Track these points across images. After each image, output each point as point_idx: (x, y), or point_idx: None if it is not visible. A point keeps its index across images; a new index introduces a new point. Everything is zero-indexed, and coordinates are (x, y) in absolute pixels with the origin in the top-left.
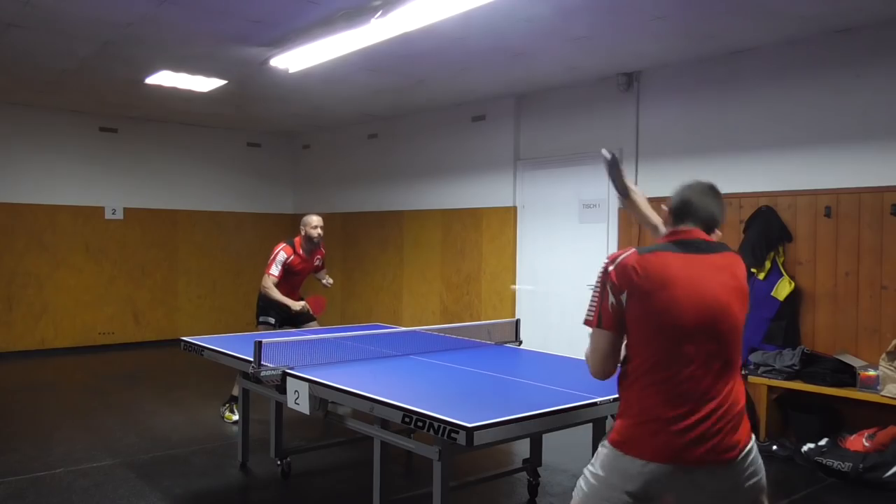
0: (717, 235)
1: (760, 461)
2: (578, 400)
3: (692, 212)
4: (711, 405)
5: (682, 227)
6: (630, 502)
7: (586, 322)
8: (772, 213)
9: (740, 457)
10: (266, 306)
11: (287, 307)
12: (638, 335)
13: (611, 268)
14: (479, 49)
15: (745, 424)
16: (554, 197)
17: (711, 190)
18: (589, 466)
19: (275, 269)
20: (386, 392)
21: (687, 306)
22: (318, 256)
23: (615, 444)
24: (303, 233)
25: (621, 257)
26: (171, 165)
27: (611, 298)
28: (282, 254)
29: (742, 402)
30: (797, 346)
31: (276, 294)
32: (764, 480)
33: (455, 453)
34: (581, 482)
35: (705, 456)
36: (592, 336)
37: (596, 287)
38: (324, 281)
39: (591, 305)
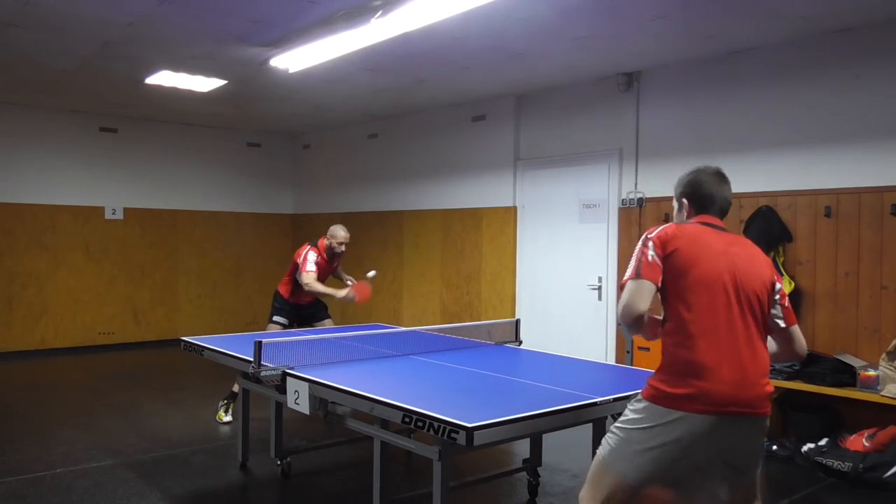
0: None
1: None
2: (578, 400)
3: (714, 201)
4: (745, 359)
5: (706, 216)
6: (671, 454)
7: (626, 280)
8: (772, 213)
9: (767, 416)
10: (280, 307)
11: (298, 314)
12: (675, 293)
13: (652, 234)
14: (478, 49)
15: (772, 387)
16: (554, 197)
17: (722, 176)
18: (617, 424)
19: (311, 266)
20: (386, 392)
21: (721, 265)
22: (337, 262)
23: (652, 399)
24: (327, 242)
25: (661, 228)
26: (171, 165)
27: (650, 254)
28: (311, 253)
29: (769, 366)
30: None
31: (320, 286)
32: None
33: (455, 453)
34: (608, 439)
35: (741, 407)
36: (629, 287)
37: (636, 253)
38: (369, 273)
39: (630, 267)
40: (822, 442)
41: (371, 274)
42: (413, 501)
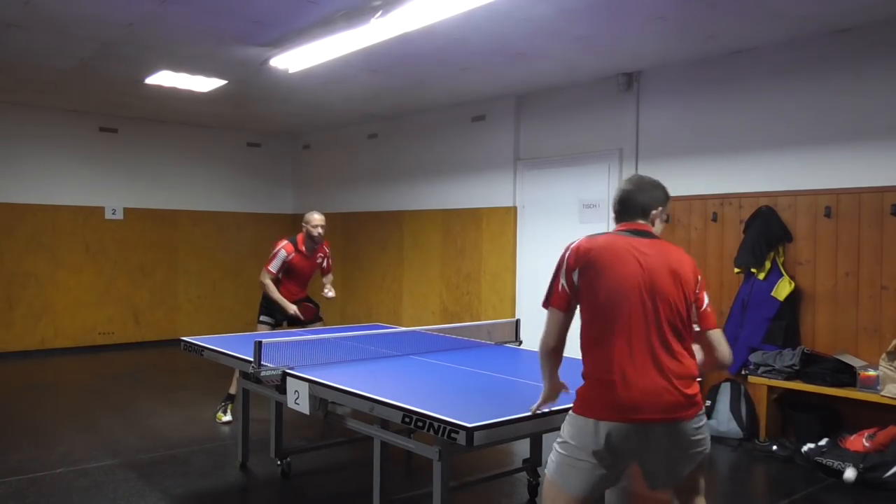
0: (660, 222)
1: (708, 435)
2: None
3: (628, 207)
4: (658, 364)
5: (624, 224)
6: (595, 463)
7: (542, 305)
8: (772, 213)
9: (691, 419)
10: (268, 306)
11: (282, 307)
12: (588, 305)
13: (566, 253)
14: (479, 49)
15: (695, 390)
16: (554, 197)
17: (640, 180)
18: (557, 439)
19: (273, 266)
20: (386, 392)
21: (630, 271)
22: (321, 255)
23: (574, 409)
24: (304, 230)
25: (574, 242)
26: (171, 165)
27: (562, 281)
28: (282, 252)
29: (693, 370)
30: (797, 346)
31: (273, 292)
32: (706, 453)
33: (455, 453)
34: (551, 456)
35: (654, 414)
36: (546, 318)
37: (553, 272)
38: (326, 291)
39: (547, 289)
40: (822, 442)
41: (328, 292)
42: (413, 501)
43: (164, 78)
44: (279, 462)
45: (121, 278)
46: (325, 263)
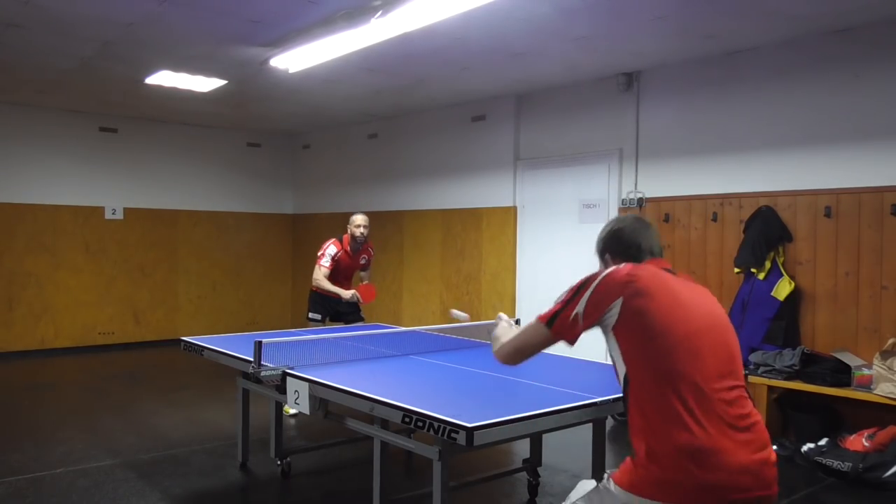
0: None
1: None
2: (578, 400)
3: (642, 248)
4: (744, 424)
5: (651, 260)
6: None
7: (542, 316)
8: (772, 213)
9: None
10: (315, 302)
11: (338, 296)
12: (644, 346)
13: (600, 277)
14: (479, 49)
15: (772, 449)
16: (554, 197)
17: (644, 222)
18: None
19: (326, 262)
20: (386, 392)
21: (694, 305)
22: (364, 256)
23: (636, 490)
24: (349, 231)
25: (610, 269)
26: (171, 165)
27: (578, 308)
28: (332, 247)
29: (762, 421)
30: (797, 345)
31: (328, 284)
32: None
33: (455, 453)
34: None
35: (748, 491)
36: (529, 329)
37: (567, 293)
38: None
39: (552, 306)
40: (822, 442)
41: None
42: (413, 501)
43: (164, 78)
44: (279, 462)
45: (121, 278)
46: (366, 263)
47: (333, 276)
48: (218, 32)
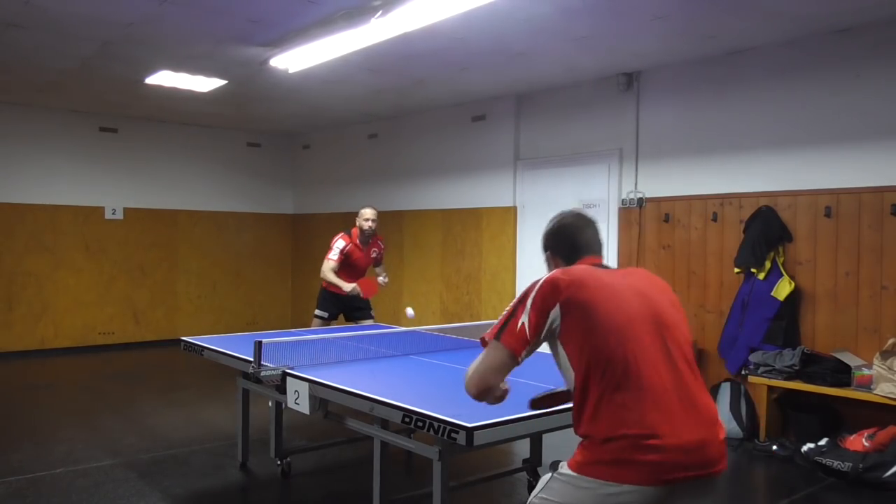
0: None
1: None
2: None
3: (581, 246)
4: (692, 411)
5: (585, 258)
6: None
7: (484, 338)
8: (772, 213)
9: (722, 470)
10: (325, 300)
11: (340, 289)
12: (585, 349)
13: (539, 286)
14: (479, 49)
15: (722, 427)
16: (554, 197)
17: (585, 218)
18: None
19: (334, 255)
20: (386, 392)
21: (628, 297)
22: (375, 249)
23: (582, 470)
24: (358, 225)
25: (544, 277)
26: (171, 165)
27: (523, 318)
28: (340, 241)
29: (714, 405)
30: (797, 345)
31: (332, 276)
32: None
33: (455, 453)
34: None
35: (691, 470)
36: (484, 354)
37: (509, 307)
38: (380, 279)
39: (498, 320)
40: (822, 442)
41: (383, 280)
42: (413, 501)
43: (164, 78)
44: (279, 462)
45: (121, 278)
46: (378, 257)
47: (347, 271)
48: (218, 32)
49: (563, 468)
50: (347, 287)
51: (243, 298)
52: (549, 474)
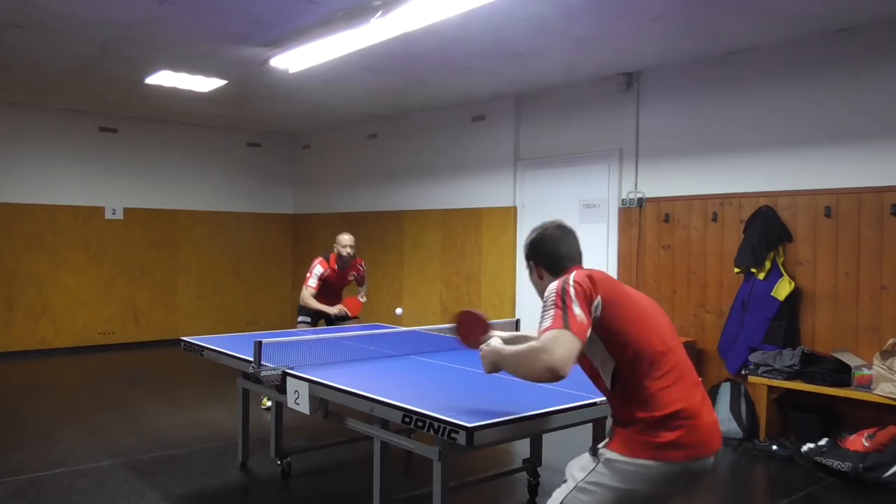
0: None
1: None
2: (578, 400)
3: (568, 256)
4: (703, 395)
5: (570, 268)
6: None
7: (550, 327)
8: (772, 213)
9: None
10: (302, 308)
11: (325, 314)
12: (623, 339)
13: (570, 282)
14: (479, 49)
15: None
16: (554, 197)
17: (567, 229)
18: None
19: (312, 282)
20: (386, 392)
21: (636, 295)
22: (353, 272)
23: (629, 453)
24: (335, 250)
25: (573, 273)
26: (171, 165)
27: (576, 309)
28: (318, 267)
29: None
30: (797, 345)
31: (314, 302)
32: None
33: (455, 453)
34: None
35: (711, 450)
36: (559, 340)
37: (553, 303)
38: (360, 297)
39: (551, 315)
40: (822, 442)
41: (361, 297)
42: (413, 501)
43: (164, 78)
44: (279, 462)
45: (121, 278)
46: (359, 279)
47: (323, 293)
48: (218, 32)
49: (610, 453)
50: (334, 310)
51: (243, 298)
52: (593, 461)
